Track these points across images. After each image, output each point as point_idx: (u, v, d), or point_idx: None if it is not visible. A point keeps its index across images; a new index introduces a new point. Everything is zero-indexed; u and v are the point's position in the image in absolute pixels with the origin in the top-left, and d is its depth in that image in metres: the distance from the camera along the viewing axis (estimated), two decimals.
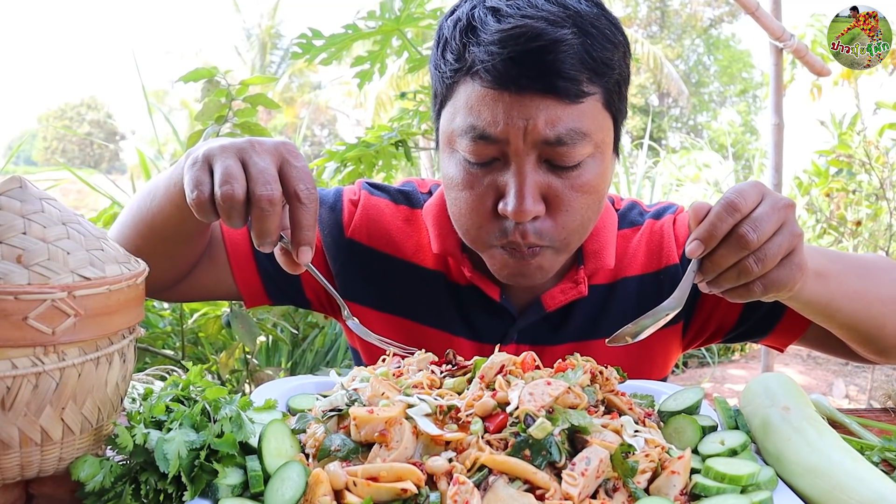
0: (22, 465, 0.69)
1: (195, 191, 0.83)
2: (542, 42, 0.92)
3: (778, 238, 0.80)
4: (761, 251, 0.80)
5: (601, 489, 0.73)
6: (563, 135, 0.96)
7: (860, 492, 0.73)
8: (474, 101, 0.98)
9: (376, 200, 1.28)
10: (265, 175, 0.81)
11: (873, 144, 4.69)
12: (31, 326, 0.65)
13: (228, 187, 0.80)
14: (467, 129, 0.99)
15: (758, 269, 0.80)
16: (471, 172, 1.02)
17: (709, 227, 0.79)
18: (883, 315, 1.04)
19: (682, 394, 0.97)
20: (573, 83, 0.94)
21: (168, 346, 2.39)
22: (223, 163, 0.82)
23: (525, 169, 0.98)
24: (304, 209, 0.84)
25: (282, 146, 0.86)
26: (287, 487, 0.72)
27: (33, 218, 0.69)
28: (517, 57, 0.93)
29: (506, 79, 0.94)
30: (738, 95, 31.47)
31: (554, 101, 0.95)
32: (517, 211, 0.98)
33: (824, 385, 4.82)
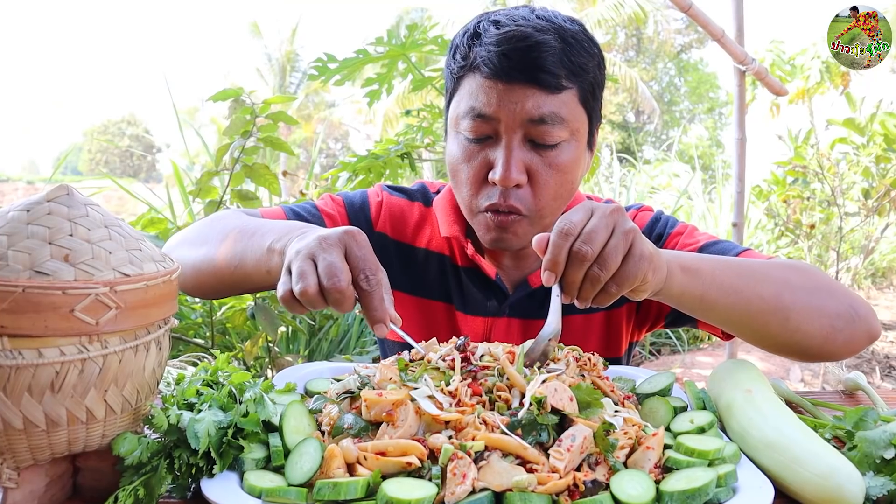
0: (69, 441, 0.69)
1: (280, 290, 0.85)
2: (529, 43, 1.04)
3: (612, 241, 0.81)
4: (601, 258, 0.81)
5: (584, 463, 0.73)
6: (546, 115, 1.06)
7: (814, 464, 0.72)
8: (475, 89, 1.08)
9: (396, 200, 1.36)
10: (331, 269, 0.81)
11: (825, 157, 4.70)
12: (77, 318, 0.65)
13: (302, 285, 0.82)
14: (468, 110, 1.09)
15: (603, 273, 0.81)
16: (469, 148, 1.12)
17: (551, 257, 0.81)
18: (763, 312, 0.98)
19: (655, 378, 0.97)
20: (553, 77, 1.05)
21: (199, 336, 2.39)
22: (298, 266, 0.84)
23: (512, 145, 1.07)
24: (368, 294, 0.83)
25: (345, 235, 0.85)
26: (305, 461, 0.72)
27: (79, 221, 0.69)
28: (509, 53, 1.04)
29: (499, 70, 1.05)
30: (705, 113, 31.43)
31: (537, 90, 1.05)
32: (503, 178, 1.07)
33: (782, 370, 4.82)
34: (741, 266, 1.01)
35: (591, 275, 0.81)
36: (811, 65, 5.18)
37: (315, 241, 0.85)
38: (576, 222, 0.82)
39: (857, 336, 1.02)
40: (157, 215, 2.54)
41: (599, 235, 0.81)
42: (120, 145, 33.98)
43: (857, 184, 4.82)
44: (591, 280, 0.82)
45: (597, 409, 0.80)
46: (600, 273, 0.81)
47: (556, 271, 0.82)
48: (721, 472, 0.71)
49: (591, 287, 0.82)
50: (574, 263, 0.81)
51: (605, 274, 0.81)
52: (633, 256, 0.82)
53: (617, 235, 0.82)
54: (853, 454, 0.79)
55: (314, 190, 3.10)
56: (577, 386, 0.81)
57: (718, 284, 0.96)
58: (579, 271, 0.81)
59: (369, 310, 0.84)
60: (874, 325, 1.04)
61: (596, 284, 0.82)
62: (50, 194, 0.70)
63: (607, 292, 0.84)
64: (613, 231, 0.82)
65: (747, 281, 0.99)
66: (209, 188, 2.14)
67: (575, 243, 0.81)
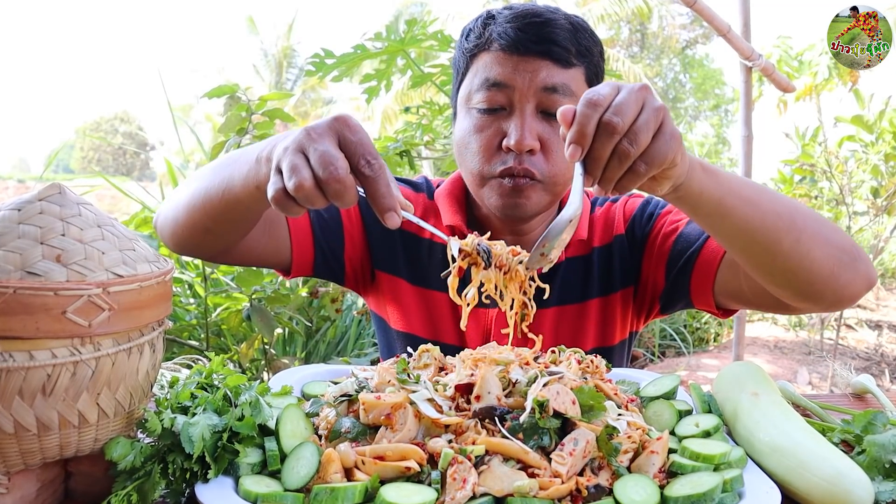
0: (61, 445, 0.69)
1: (271, 190, 0.79)
2: (542, 19, 1.14)
3: (643, 116, 0.77)
4: (631, 131, 0.76)
5: (587, 467, 0.73)
6: (558, 85, 1.13)
7: (822, 469, 0.72)
8: (490, 63, 1.16)
9: (403, 189, 1.39)
10: (325, 158, 0.75)
11: (833, 155, 4.70)
12: (69, 319, 0.65)
13: (296, 180, 0.75)
14: (483, 82, 1.16)
15: (633, 149, 0.76)
16: (481, 119, 1.17)
17: (578, 128, 0.77)
18: (778, 229, 0.95)
19: (660, 381, 0.97)
20: (564, 51, 1.13)
21: (193, 338, 2.39)
22: (288, 161, 0.78)
23: (525, 113, 1.14)
24: (372, 180, 0.77)
25: (335, 122, 0.79)
26: (302, 465, 0.72)
27: (71, 221, 0.69)
28: (523, 28, 1.13)
29: (515, 43, 1.13)
30: (711, 110, 31.44)
31: (550, 62, 1.13)
32: (518, 142, 1.12)
33: (790, 373, 4.82)
34: (755, 184, 1.02)
35: (620, 149, 0.76)
36: (819, 61, 5.18)
37: (303, 133, 0.79)
38: (605, 94, 0.77)
39: (859, 277, 1.00)
40: (150, 214, 2.54)
41: (630, 108, 0.77)
42: (113, 143, 34.00)
43: (865, 182, 4.82)
44: (619, 155, 0.77)
45: (600, 412, 0.80)
46: (630, 148, 0.76)
47: (584, 144, 0.77)
48: (727, 477, 0.71)
49: (618, 164, 0.78)
50: (602, 136, 0.76)
51: (636, 149, 0.76)
52: (664, 134, 0.79)
53: (647, 111, 0.78)
54: (862, 458, 0.79)
55: None
56: (580, 389, 0.81)
57: (737, 192, 0.94)
58: (608, 145, 0.77)
59: (376, 197, 0.77)
60: (872, 270, 1.03)
61: (624, 161, 0.77)
62: (41, 193, 0.70)
63: (635, 171, 0.78)
64: (644, 106, 0.78)
65: (762, 195, 0.97)
66: None
67: (605, 114, 0.76)
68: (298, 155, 0.78)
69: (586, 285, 1.31)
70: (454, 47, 2.30)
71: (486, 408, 0.77)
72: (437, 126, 2.63)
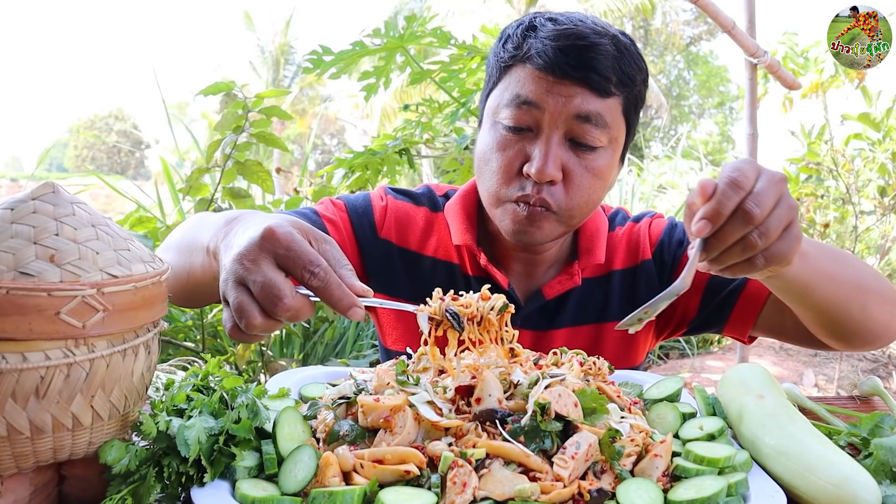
0: (55, 448, 0.69)
1: (226, 328, 0.76)
2: (586, 42, 1.07)
3: (778, 211, 0.77)
4: (764, 225, 0.76)
5: (590, 471, 0.73)
6: (591, 114, 1.09)
7: (828, 473, 0.72)
8: (524, 79, 1.11)
9: (401, 204, 1.34)
10: (268, 292, 0.71)
11: (840, 153, 4.69)
12: (63, 321, 0.65)
13: (247, 321, 0.72)
14: (513, 98, 1.11)
15: (761, 242, 0.76)
16: (506, 138, 1.13)
17: (716, 206, 0.76)
18: (848, 299, 1.03)
19: (663, 383, 0.97)
20: (604, 80, 1.08)
21: (189, 339, 2.39)
22: (233, 299, 0.73)
23: (552, 141, 1.09)
24: (322, 290, 0.73)
25: (263, 242, 0.73)
26: (299, 469, 0.72)
27: (65, 220, 0.69)
28: (564, 49, 1.07)
29: (553, 64, 1.07)
30: (715, 107, 31.45)
31: (587, 89, 1.08)
32: (539, 171, 1.08)
33: (795, 375, 4.82)
34: (828, 250, 1.06)
35: (748, 240, 0.76)
36: (825, 57, 5.18)
37: (237, 264, 0.73)
38: (748, 177, 0.76)
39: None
40: (145, 214, 2.54)
41: (769, 200, 0.76)
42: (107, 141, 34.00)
43: (872, 181, 4.82)
44: (745, 245, 0.76)
45: (602, 415, 0.80)
46: (758, 241, 0.76)
47: (716, 223, 0.76)
48: (731, 481, 0.71)
49: (740, 252, 0.77)
50: (736, 222, 0.75)
51: (763, 243, 0.76)
52: (791, 234, 0.78)
53: (783, 206, 0.77)
54: (869, 462, 0.79)
55: (308, 188, 3.10)
56: (582, 391, 0.81)
57: (821, 271, 0.97)
58: (738, 232, 0.76)
59: (333, 303, 0.74)
60: None
61: (747, 252, 0.77)
62: (35, 192, 0.70)
63: (752, 263, 0.79)
64: (780, 201, 0.77)
65: (838, 266, 1.03)
66: (200, 186, 2.14)
67: (746, 200, 0.75)
68: (241, 289, 0.73)
69: (605, 308, 1.29)
70: (454, 44, 2.31)
71: (487, 410, 0.77)
72: (437, 124, 2.63)
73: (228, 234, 0.83)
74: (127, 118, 39.96)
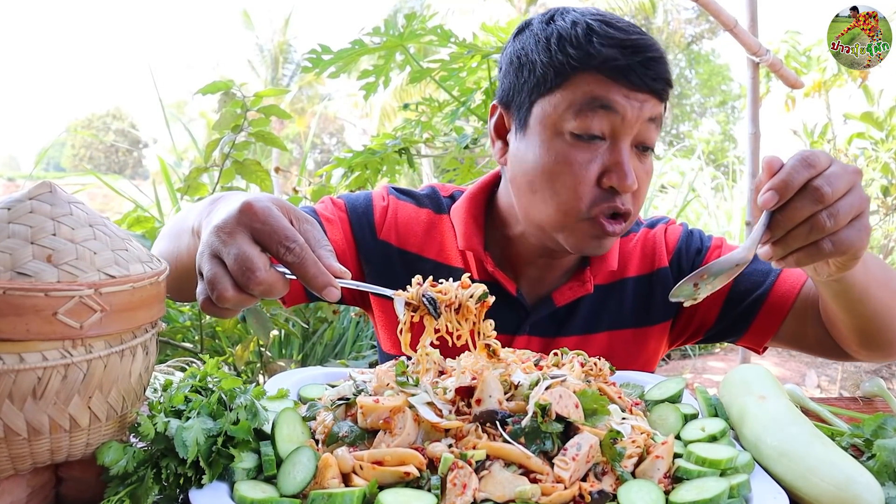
0: (52, 449, 0.69)
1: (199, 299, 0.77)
2: (657, 54, 1.08)
3: (849, 198, 0.76)
4: (834, 207, 0.74)
5: (591, 473, 0.73)
6: (656, 117, 1.10)
7: (831, 474, 0.72)
8: (597, 86, 1.06)
9: (403, 205, 1.30)
10: (240, 261, 0.71)
11: (843, 152, 4.70)
12: (60, 321, 0.65)
13: (218, 292, 0.72)
14: (589, 101, 1.06)
15: (830, 224, 0.74)
16: (578, 148, 1.08)
17: (785, 177, 0.74)
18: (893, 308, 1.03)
19: (665, 384, 0.97)
20: (669, 88, 1.11)
21: (187, 340, 2.39)
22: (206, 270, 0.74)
23: (628, 150, 1.08)
24: (298, 266, 0.73)
25: (241, 216, 0.74)
26: (298, 471, 0.72)
27: (62, 220, 0.69)
28: (645, 63, 1.06)
29: (631, 74, 1.05)
30: (717, 106, 31.46)
31: (653, 97, 1.09)
32: (628, 184, 1.06)
33: (798, 376, 4.82)
34: (874, 257, 1.05)
35: (816, 220, 0.75)
36: (828, 56, 5.18)
37: (213, 235, 0.74)
38: (821, 159, 0.76)
39: None
40: (143, 214, 2.54)
41: (842, 184, 0.75)
42: (105, 140, 34.00)
43: (875, 181, 4.82)
44: (813, 225, 0.75)
45: (603, 416, 0.80)
46: (827, 222, 0.74)
47: (784, 195, 0.75)
48: (734, 483, 0.71)
49: (807, 233, 0.76)
50: (806, 199, 0.74)
51: (832, 225, 0.74)
52: (861, 224, 0.77)
53: (854, 194, 0.76)
54: (871, 464, 0.79)
55: (307, 187, 3.10)
56: (583, 392, 0.81)
57: (873, 276, 0.97)
58: (807, 209, 0.74)
59: (308, 279, 0.73)
60: None
61: (815, 233, 0.75)
62: (32, 192, 0.70)
63: (819, 247, 0.76)
64: (852, 188, 0.76)
65: (889, 274, 1.03)
66: (198, 185, 2.14)
67: (817, 178, 0.74)
68: (215, 262, 0.73)
69: (617, 316, 1.27)
70: (454, 42, 2.30)
71: (487, 411, 0.77)
72: (437, 123, 2.63)
73: (211, 212, 0.84)
74: (125, 117, 39.98)
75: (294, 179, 3.99)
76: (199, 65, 50.54)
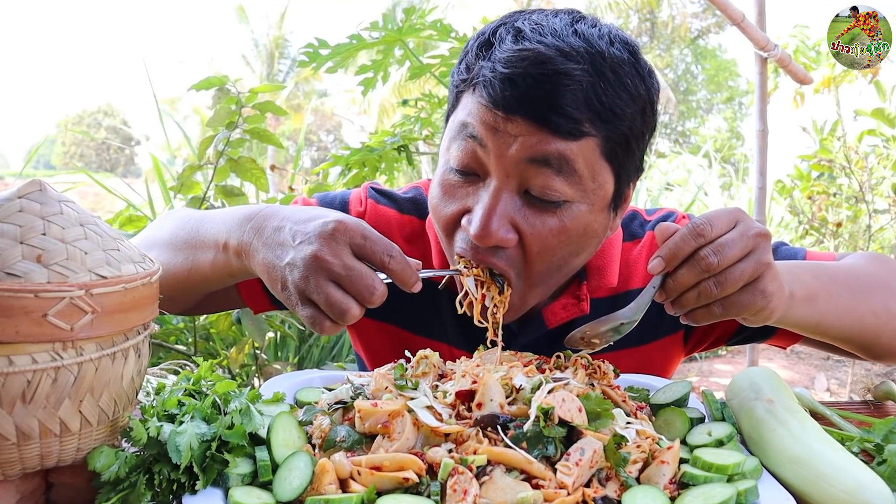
0: (42, 454, 0.69)
1: (316, 326, 0.81)
2: (545, 70, 0.86)
3: (742, 264, 0.80)
4: (722, 275, 0.80)
5: (594, 478, 0.73)
6: (550, 155, 0.88)
7: (841, 480, 0.72)
8: (472, 109, 0.93)
9: (383, 210, 1.22)
10: (363, 281, 0.79)
11: (853, 149, 4.70)
12: (50, 323, 0.65)
13: (345, 314, 0.79)
14: (459, 128, 0.94)
15: (716, 291, 0.80)
16: (451, 181, 0.97)
17: (672, 248, 0.81)
18: (876, 326, 1.03)
19: (670, 387, 0.97)
20: (568, 120, 0.87)
21: (181, 342, 2.39)
22: (321, 294, 0.79)
23: (501, 194, 0.91)
24: (399, 272, 0.82)
25: (341, 236, 0.80)
26: (294, 476, 0.72)
27: (52, 219, 0.69)
28: (515, 79, 0.87)
29: (499, 97, 0.88)
30: (724, 103, 31.47)
31: (545, 132, 0.88)
32: (478, 233, 0.91)
33: (807, 379, 4.82)
34: (849, 278, 1.04)
35: (703, 287, 0.81)
36: None
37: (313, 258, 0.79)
38: (714, 226, 0.80)
39: None
40: (135, 213, 2.54)
41: (732, 251, 0.80)
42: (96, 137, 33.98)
43: (887, 179, 4.82)
44: (700, 291, 0.81)
45: (607, 420, 0.80)
46: (713, 290, 0.80)
47: (670, 264, 0.82)
48: (741, 489, 0.71)
49: (695, 298, 0.82)
50: (692, 267, 0.80)
51: (719, 292, 0.80)
52: (755, 288, 0.82)
53: (750, 260, 0.81)
54: (882, 469, 0.79)
55: (304, 185, 3.10)
56: (587, 395, 0.81)
57: (834, 308, 0.98)
58: (693, 277, 0.81)
59: (404, 279, 0.83)
60: None
61: (703, 299, 0.81)
62: (21, 190, 0.70)
63: (709, 311, 0.83)
64: (749, 254, 0.81)
65: (857, 296, 1.02)
66: (191, 183, 2.14)
67: (704, 248, 0.80)
68: (329, 285, 0.79)
69: None
70: (454, 37, 2.31)
71: (489, 415, 0.77)
72: (437, 120, 2.63)
73: (262, 230, 0.88)
74: (116, 114, 39.99)
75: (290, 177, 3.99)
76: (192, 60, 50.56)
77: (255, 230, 0.89)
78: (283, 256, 0.83)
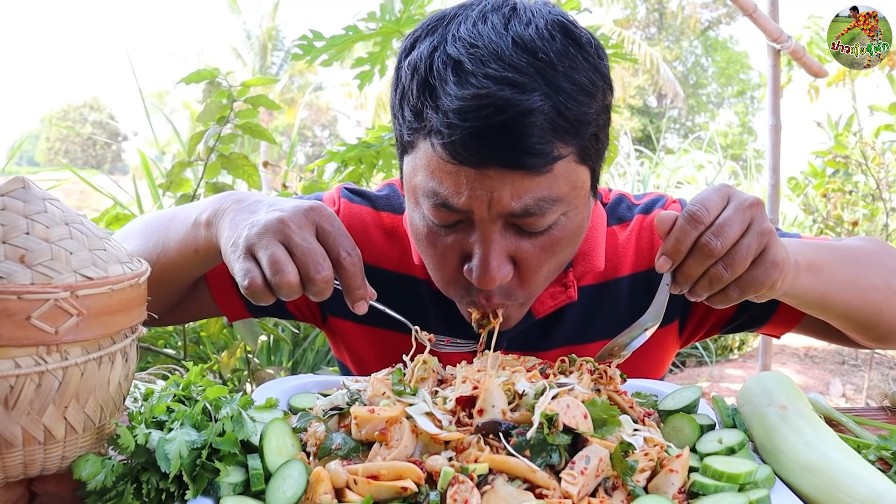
0: (25, 463, 0.69)
1: (247, 279, 0.82)
2: (508, 115, 0.82)
3: (745, 240, 0.81)
4: (728, 256, 0.80)
5: (600, 487, 0.73)
6: (531, 206, 0.89)
7: (857, 489, 0.72)
8: (435, 167, 0.89)
9: (357, 209, 1.22)
10: (313, 257, 0.81)
11: (869, 145, 4.70)
12: (34, 326, 0.65)
13: (282, 276, 0.80)
14: (429, 193, 0.91)
15: (728, 274, 0.81)
16: (435, 232, 0.96)
17: (674, 242, 0.81)
18: (878, 302, 1.04)
19: (680, 393, 0.97)
20: (541, 157, 0.86)
21: (170, 346, 2.39)
22: (268, 250, 0.81)
23: (491, 237, 0.91)
24: (351, 274, 0.85)
25: (312, 213, 0.85)
26: (288, 486, 0.72)
27: (36, 218, 0.69)
28: (479, 132, 0.83)
29: (466, 154, 0.85)
30: (735, 97, 31.50)
31: (521, 174, 0.87)
32: (482, 279, 0.92)
33: (821, 384, 4.82)
34: (849, 254, 1.06)
35: (713, 273, 0.81)
36: None
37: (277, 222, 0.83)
38: (710, 209, 0.81)
39: None
40: (123, 211, 2.54)
41: (732, 229, 0.80)
42: (82, 133, 34.00)
43: None
44: (711, 278, 0.82)
45: (614, 427, 0.80)
46: (724, 273, 0.81)
47: (675, 259, 0.82)
48: (753, 498, 0.71)
49: (708, 285, 0.83)
50: (697, 256, 0.81)
51: (730, 275, 0.81)
52: (765, 261, 0.82)
53: (752, 234, 0.81)
54: None
55: (297, 182, 3.10)
56: (592, 402, 0.81)
57: (837, 280, 0.99)
58: (701, 266, 0.81)
59: (352, 289, 0.86)
60: None
61: (716, 284, 0.82)
62: (3, 188, 0.70)
63: (726, 294, 0.84)
64: (749, 228, 0.81)
65: (859, 271, 1.03)
66: (181, 181, 2.14)
67: (704, 234, 0.80)
68: (279, 246, 0.81)
69: (612, 321, 1.16)
70: None
71: (490, 422, 0.77)
72: None
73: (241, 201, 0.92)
74: (103, 108, 39.99)
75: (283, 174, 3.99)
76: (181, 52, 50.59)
77: (235, 201, 0.94)
78: (249, 218, 0.87)
